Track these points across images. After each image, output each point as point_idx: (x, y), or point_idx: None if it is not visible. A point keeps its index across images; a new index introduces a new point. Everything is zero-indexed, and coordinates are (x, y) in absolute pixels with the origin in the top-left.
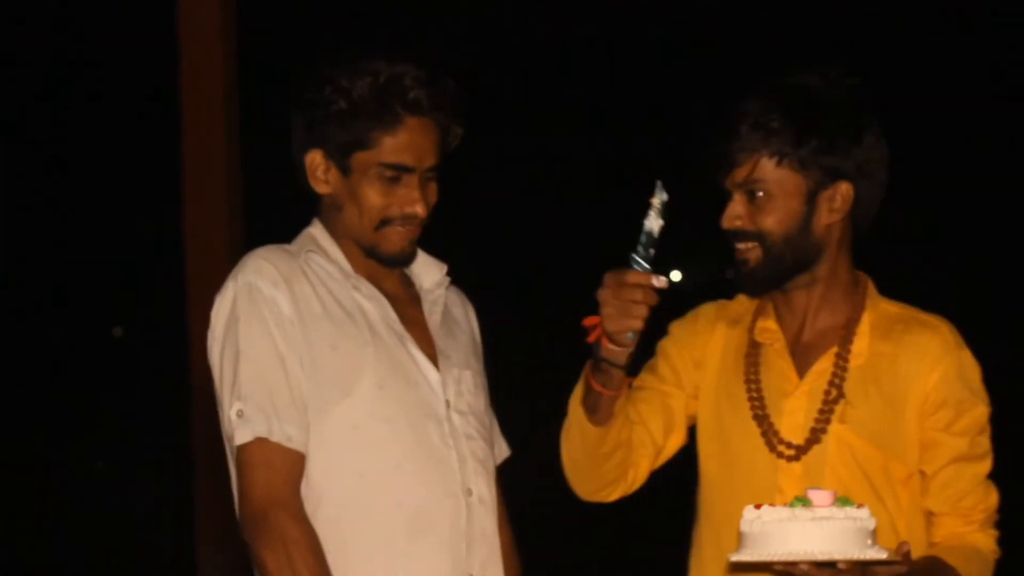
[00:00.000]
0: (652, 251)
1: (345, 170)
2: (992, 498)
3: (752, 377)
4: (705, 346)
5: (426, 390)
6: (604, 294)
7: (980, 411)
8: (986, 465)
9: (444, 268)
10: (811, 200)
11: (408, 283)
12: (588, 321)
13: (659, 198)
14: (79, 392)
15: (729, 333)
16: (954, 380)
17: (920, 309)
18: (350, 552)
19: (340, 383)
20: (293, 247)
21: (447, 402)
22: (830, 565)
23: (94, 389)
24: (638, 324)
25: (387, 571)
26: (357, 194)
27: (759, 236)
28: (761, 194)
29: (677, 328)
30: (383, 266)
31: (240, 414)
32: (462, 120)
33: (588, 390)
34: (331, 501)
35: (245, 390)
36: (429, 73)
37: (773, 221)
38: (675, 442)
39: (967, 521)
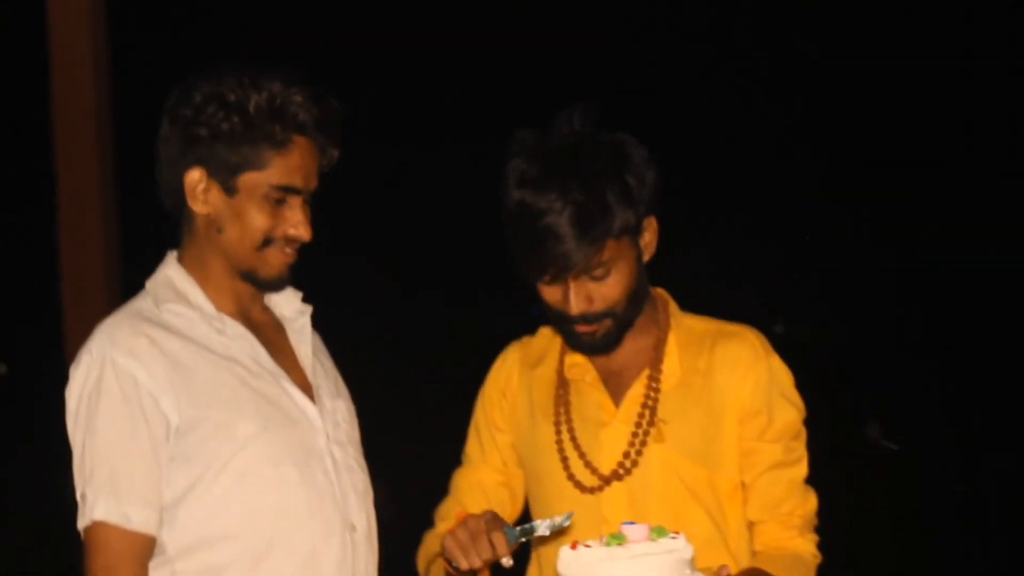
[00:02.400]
0: (524, 540)
1: (229, 190)
2: (810, 503)
3: (561, 418)
4: (505, 391)
5: (305, 426)
6: (460, 533)
7: (792, 416)
8: (801, 469)
9: (300, 295)
10: (638, 249)
11: (267, 308)
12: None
13: (562, 522)
14: None
15: (532, 375)
16: (766, 387)
17: (721, 320)
18: None
19: (223, 433)
20: (146, 302)
21: (326, 435)
22: None
23: None
24: (477, 564)
25: None
26: (242, 215)
27: (609, 312)
28: (604, 274)
29: (487, 386)
30: (256, 289)
31: (82, 497)
32: (339, 144)
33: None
34: (218, 552)
35: (88, 471)
36: (318, 93)
37: (620, 289)
38: (512, 512)
39: (786, 527)
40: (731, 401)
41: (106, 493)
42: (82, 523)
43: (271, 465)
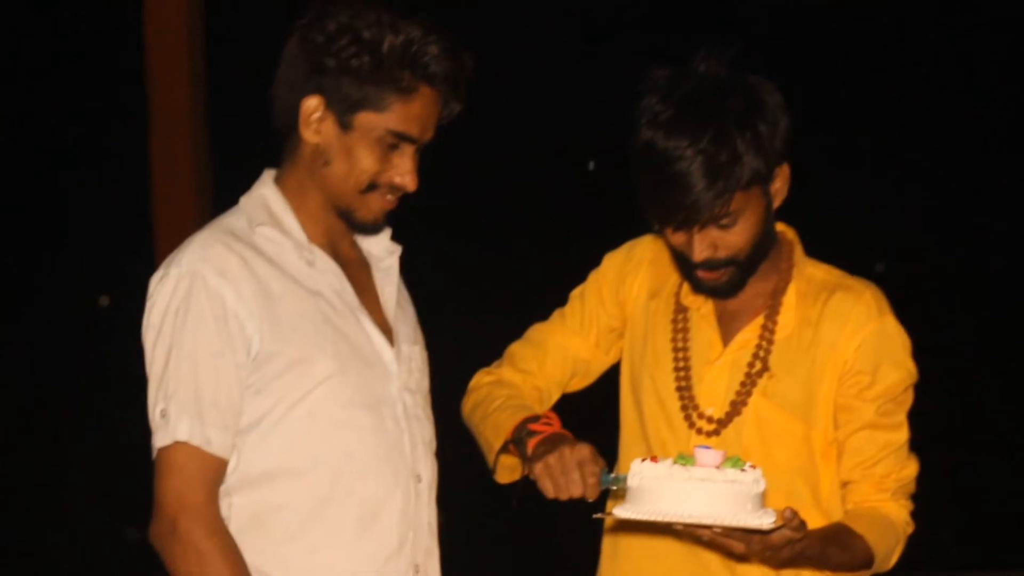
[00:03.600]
0: (615, 488)
1: (345, 125)
2: (909, 469)
3: (680, 344)
4: (631, 286)
5: (380, 369)
6: (553, 462)
7: (897, 378)
8: (901, 435)
9: (389, 232)
10: (768, 197)
11: (356, 244)
12: (535, 426)
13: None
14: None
15: (658, 276)
16: (873, 347)
17: (846, 272)
18: (295, 544)
19: (300, 369)
20: (240, 221)
21: (400, 381)
22: (709, 527)
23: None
24: (563, 496)
25: (331, 564)
26: (352, 153)
27: (732, 259)
28: (731, 223)
29: (608, 263)
30: (349, 229)
31: (163, 414)
32: (464, 99)
33: (503, 448)
34: (279, 490)
35: (171, 388)
36: (455, 45)
37: (746, 238)
38: (577, 384)
39: (879, 489)
40: (835, 357)
41: (190, 413)
42: (161, 441)
43: (343, 407)
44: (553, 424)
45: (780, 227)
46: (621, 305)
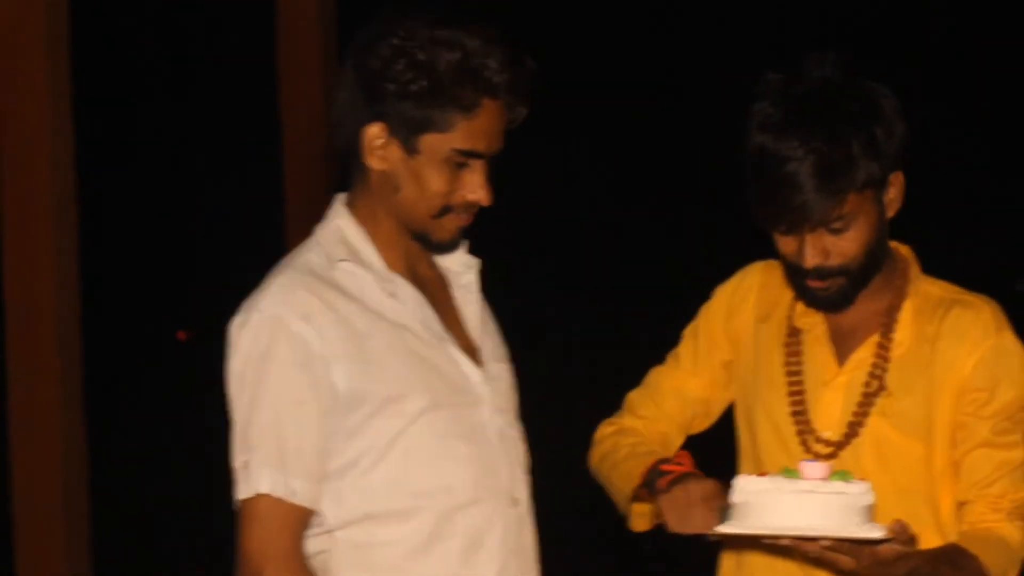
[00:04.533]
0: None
1: (410, 150)
2: None
3: (793, 367)
4: (740, 315)
5: (471, 396)
6: (678, 494)
7: (1013, 396)
8: (1017, 454)
9: (466, 245)
10: (881, 205)
11: (433, 261)
12: (666, 467)
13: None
14: None
15: (767, 301)
16: (991, 364)
17: (963, 289)
18: None
19: (392, 407)
20: (319, 257)
21: (491, 404)
22: (816, 540)
23: None
24: (685, 531)
25: None
26: (421, 177)
27: (844, 268)
28: (843, 227)
29: (719, 296)
30: (424, 249)
31: (245, 465)
32: (530, 104)
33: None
34: (384, 529)
35: (254, 439)
36: (513, 53)
37: (859, 245)
38: (700, 425)
39: (994, 509)
40: (953, 375)
41: (272, 464)
42: (244, 493)
43: (439, 440)
44: (684, 464)
45: (894, 244)
46: (733, 339)
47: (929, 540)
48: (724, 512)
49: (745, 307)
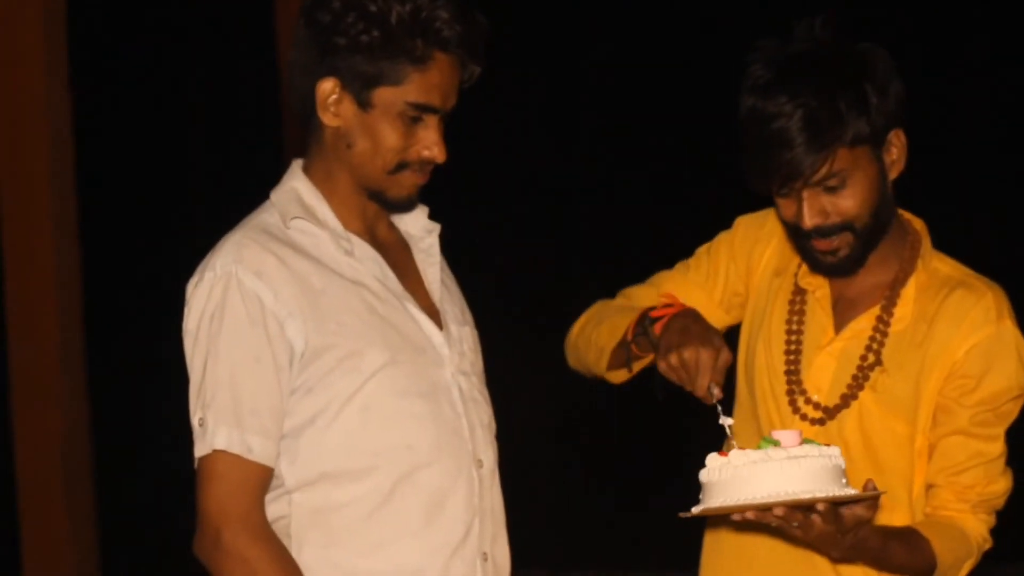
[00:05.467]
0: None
1: (363, 104)
2: (997, 485)
3: (793, 327)
4: (761, 255)
5: (432, 355)
6: (688, 355)
7: (1002, 388)
8: (994, 447)
9: (426, 211)
10: (880, 163)
11: (393, 225)
12: (657, 312)
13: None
14: None
15: (784, 254)
16: (985, 351)
17: (973, 271)
18: (359, 540)
19: (350, 363)
20: (273, 216)
21: (453, 364)
22: (804, 508)
23: None
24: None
25: (400, 557)
26: (375, 132)
27: (847, 225)
28: (838, 184)
29: (741, 226)
30: (382, 209)
31: (201, 423)
32: (483, 62)
33: (622, 343)
34: (341, 489)
35: (209, 396)
36: (465, 8)
37: (858, 203)
38: None
39: (960, 499)
40: (946, 356)
41: (228, 421)
42: (200, 451)
43: (398, 398)
44: (674, 304)
45: (907, 216)
46: (749, 269)
47: (900, 518)
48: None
49: (766, 248)
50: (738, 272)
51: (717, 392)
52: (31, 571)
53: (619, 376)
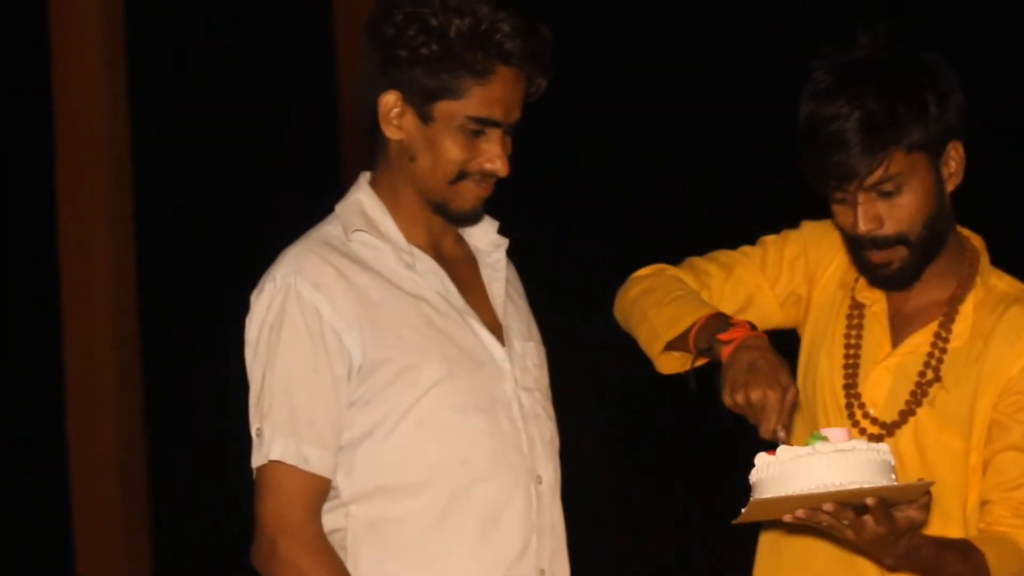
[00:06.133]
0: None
1: (425, 117)
2: None
3: (852, 340)
4: (827, 266)
5: (492, 369)
6: (754, 395)
7: None
8: None
9: (496, 225)
10: (938, 173)
11: (461, 240)
12: (726, 336)
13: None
14: None
15: (851, 268)
16: None
17: None
18: (415, 554)
19: (407, 376)
20: (335, 229)
21: (514, 380)
22: (854, 508)
23: None
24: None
25: (455, 572)
26: (436, 145)
27: (901, 238)
28: (894, 189)
29: (808, 229)
30: (447, 223)
31: (258, 433)
32: (549, 73)
33: (681, 341)
34: (397, 503)
35: (267, 406)
36: (528, 20)
37: (914, 213)
38: None
39: (1014, 514)
40: (1000, 372)
41: (284, 431)
42: (257, 461)
43: (455, 412)
44: (745, 328)
45: (966, 233)
46: (811, 278)
47: (954, 533)
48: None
49: (832, 259)
50: (804, 273)
51: (783, 436)
52: None
53: (670, 367)
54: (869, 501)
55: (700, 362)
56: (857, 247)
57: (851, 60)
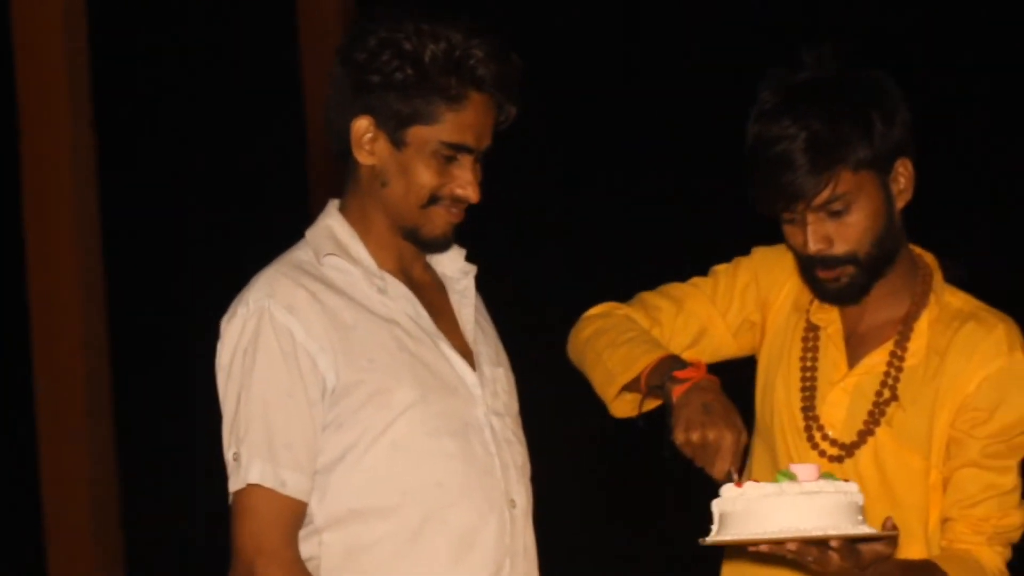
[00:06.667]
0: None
1: (397, 143)
2: (1012, 518)
3: (808, 363)
4: (780, 290)
5: (464, 394)
6: (695, 442)
7: (1014, 420)
8: (1007, 479)
9: (463, 252)
10: (887, 191)
11: (429, 267)
12: (681, 374)
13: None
14: None
15: (804, 291)
16: (997, 384)
17: (985, 304)
18: None
19: (380, 400)
20: (307, 254)
21: (486, 405)
22: (819, 543)
23: None
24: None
25: None
26: (408, 170)
27: (850, 258)
28: (842, 208)
29: (759, 256)
30: (418, 249)
31: (235, 457)
32: (518, 101)
33: (635, 384)
34: (370, 527)
35: (242, 430)
36: (500, 47)
37: (862, 231)
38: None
39: (975, 531)
40: (956, 389)
41: (262, 455)
42: (234, 485)
43: (428, 436)
44: (700, 369)
45: (918, 251)
46: (764, 304)
47: (916, 553)
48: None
49: (784, 285)
50: (756, 300)
51: (736, 478)
52: None
53: (623, 411)
54: (833, 544)
55: (650, 405)
56: (807, 266)
57: (796, 81)
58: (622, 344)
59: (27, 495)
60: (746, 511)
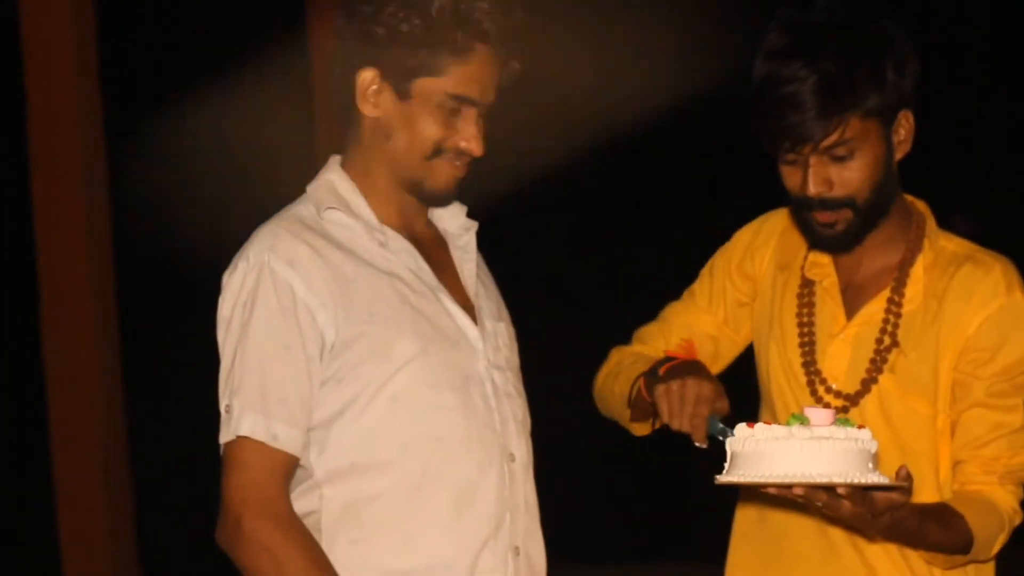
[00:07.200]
0: (721, 439)
1: (403, 95)
2: (1022, 457)
3: (804, 319)
4: (761, 260)
5: (465, 347)
6: (674, 388)
7: (1017, 359)
8: (1015, 417)
9: (465, 209)
10: (888, 141)
11: (431, 223)
12: (671, 352)
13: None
14: None
15: (788, 249)
16: (997, 324)
17: (980, 247)
18: (390, 534)
19: (380, 353)
20: (307, 208)
21: (487, 358)
22: (827, 488)
23: None
24: (674, 425)
25: (430, 551)
26: (413, 122)
27: (848, 201)
28: (846, 154)
29: (736, 239)
30: (420, 203)
31: (227, 409)
32: (522, 58)
33: (639, 393)
34: (370, 481)
35: (236, 382)
36: (506, 2)
37: (863, 178)
38: (709, 366)
39: (986, 471)
40: (958, 332)
41: (254, 408)
42: (225, 437)
43: (429, 389)
44: (689, 351)
45: (911, 199)
46: (750, 279)
47: (928, 498)
48: (712, 422)
49: (766, 251)
50: (739, 286)
51: (730, 433)
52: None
53: (642, 429)
54: (840, 491)
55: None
56: (803, 207)
57: (808, 22)
58: (623, 371)
59: (38, 467)
60: (756, 452)
